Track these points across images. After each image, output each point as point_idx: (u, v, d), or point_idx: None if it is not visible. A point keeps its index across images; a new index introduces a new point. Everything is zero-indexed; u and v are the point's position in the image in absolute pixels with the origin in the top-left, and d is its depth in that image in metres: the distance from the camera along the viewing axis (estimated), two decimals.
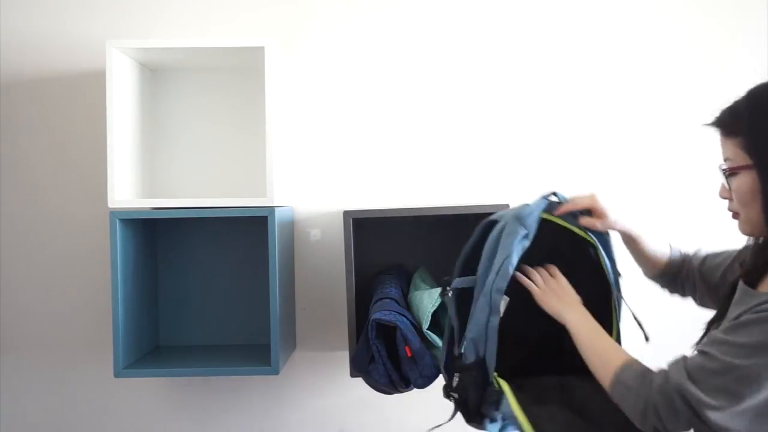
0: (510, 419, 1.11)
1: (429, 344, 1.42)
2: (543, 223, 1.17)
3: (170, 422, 1.78)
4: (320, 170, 1.77)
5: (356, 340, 1.51)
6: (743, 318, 0.91)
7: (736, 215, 1.02)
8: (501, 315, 1.13)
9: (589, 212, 1.19)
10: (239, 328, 1.74)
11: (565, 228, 1.19)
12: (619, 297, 1.19)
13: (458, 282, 1.21)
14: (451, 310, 1.22)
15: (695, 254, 1.22)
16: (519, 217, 1.16)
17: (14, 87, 1.74)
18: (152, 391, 1.77)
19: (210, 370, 1.54)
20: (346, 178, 1.77)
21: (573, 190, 1.23)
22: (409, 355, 1.37)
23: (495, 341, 1.13)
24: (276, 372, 1.50)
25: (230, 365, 1.55)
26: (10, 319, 1.75)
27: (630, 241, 1.23)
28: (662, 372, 0.94)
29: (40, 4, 1.73)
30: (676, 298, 1.27)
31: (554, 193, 1.20)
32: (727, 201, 1.05)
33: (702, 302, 1.21)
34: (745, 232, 1.02)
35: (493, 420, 1.17)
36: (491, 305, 1.13)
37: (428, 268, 1.74)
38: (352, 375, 1.50)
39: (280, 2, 1.75)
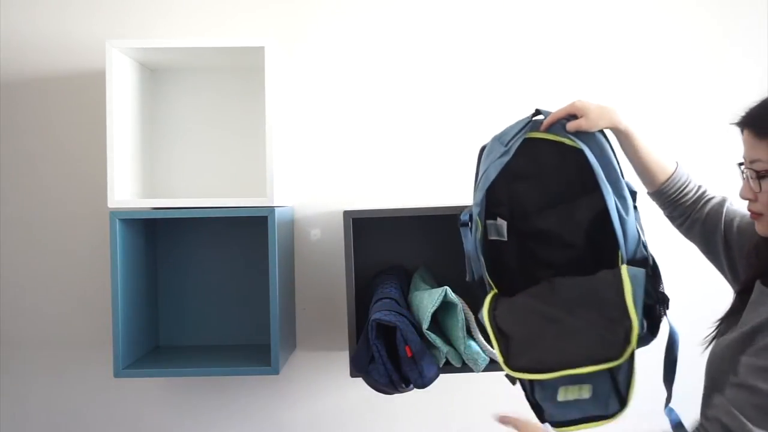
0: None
1: (429, 344, 1.42)
2: (534, 144, 1.15)
3: (170, 422, 1.78)
4: (320, 170, 1.77)
5: (356, 340, 1.51)
6: None
7: (757, 215, 1.01)
8: (503, 238, 1.16)
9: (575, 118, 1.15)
10: (239, 328, 1.74)
11: (555, 143, 1.16)
12: (625, 206, 1.11)
13: (464, 212, 1.23)
14: (465, 241, 1.24)
15: (719, 203, 1.17)
16: (499, 136, 1.19)
17: (15, 87, 1.74)
18: (152, 391, 1.77)
19: (210, 370, 1.54)
20: (346, 178, 1.77)
21: None
22: (409, 355, 1.37)
23: (482, 258, 1.16)
24: (276, 372, 1.50)
25: (230, 365, 1.55)
26: (11, 318, 1.75)
27: (623, 142, 1.18)
28: (717, 427, 0.91)
29: (40, 3, 1.73)
30: (680, 297, 1.26)
31: (538, 111, 1.17)
32: (739, 198, 1.03)
33: (710, 253, 1.17)
34: (764, 233, 1.01)
35: None
36: (473, 221, 1.16)
37: (428, 268, 1.74)
38: (352, 375, 1.49)
39: (280, 2, 1.75)
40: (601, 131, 1.16)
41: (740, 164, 1.02)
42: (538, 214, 1.21)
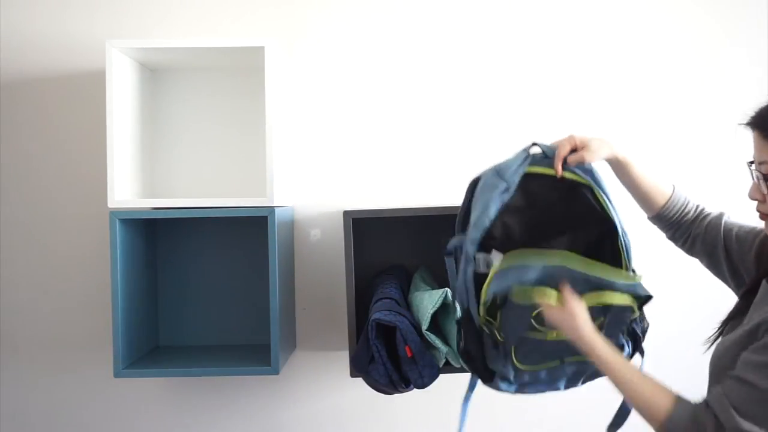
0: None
1: (429, 345, 1.42)
2: (532, 179, 1.13)
3: (170, 422, 1.78)
4: (320, 170, 1.77)
5: (356, 340, 1.51)
6: None
7: (765, 216, 1.01)
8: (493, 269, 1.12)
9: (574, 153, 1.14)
10: (239, 328, 1.74)
11: (550, 176, 1.14)
12: (625, 235, 1.12)
13: (450, 243, 1.21)
14: (450, 272, 1.22)
15: (717, 216, 1.18)
16: (498, 170, 1.14)
17: (14, 87, 1.74)
18: (152, 391, 1.77)
19: (210, 370, 1.54)
20: (346, 178, 1.77)
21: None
22: (409, 355, 1.37)
23: (473, 291, 1.13)
24: (276, 372, 1.50)
25: (230, 365, 1.55)
26: (10, 319, 1.75)
27: (621, 171, 1.18)
28: (710, 415, 0.92)
29: (40, 3, 1.73)
30: (684, 295, 1.26)
31: (535, 144, 1.16)
32: (747, 199, 1.03)
33: (714, 267, 1.17)
34: None
35: (504, 378, 1.16)
36: (466, 256, 1.13)
37: (428, 268, 1.74)
38: (352, 375, 1.49)
39: (280, 2, 1.75)
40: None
41: (750, 163, 1.01)
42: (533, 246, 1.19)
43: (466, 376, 1.26)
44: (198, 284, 1.74)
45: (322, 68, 1.76)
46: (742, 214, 1.16)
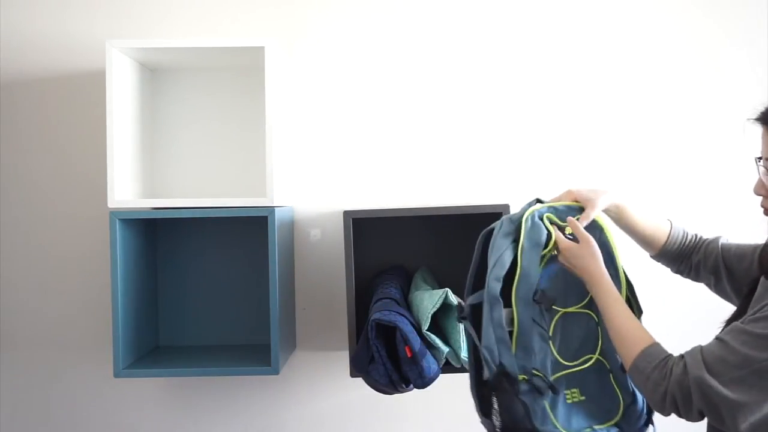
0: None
1: (429, 344, 1.42)
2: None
3: (170, 422, 1.78)
4: (320, 170, 1.77)
5: (356, 340, 1.51)
6: (765, 310, 0.91)
7: None
8: (507, 328, 1.11)
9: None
10: (239, 328, 1.74)
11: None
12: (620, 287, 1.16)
13: (470, 299, 1.19)
14: (471, 331, 1.19)
15: (714, 240, 1.20)
16: (512, 219, 1.17)
17: (14, 87, 1.74)
18: (152, 391, 1.77)
19: (210, 370, 1.54)
20: (346, 178, 1.77)
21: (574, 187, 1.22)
22: (409, 355, 1.37)
23: (505, 337, 1.11)
24: (276, 372, 1.50)
25: (230, 365, 1.55)
26: (10, 319, 1.75)
27: (620, 217, 1.22)
28: (681, 362, 0.95)
29: (40, 3, 1.73)
30: (686, 293, 1.26)
31: (538, 200, 1.21)
32: (753, 195, 1.04)
33: (718, 289, 1.19)
34: None
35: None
36: (490, 299, 1.11)
37: (428, 268, 1.74)
38: (352, 375, 1.49)
39: (280, 2, 1.75)
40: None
41: (758, 159, 1.02)
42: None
43: (467, 376, 1.24)
44: (198, 284, 1.74)
45: (322, 68, 1.76)
46: (746, 212, 1.16)
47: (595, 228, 1.18)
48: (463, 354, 1.42)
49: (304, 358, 1.77)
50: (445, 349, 1.43)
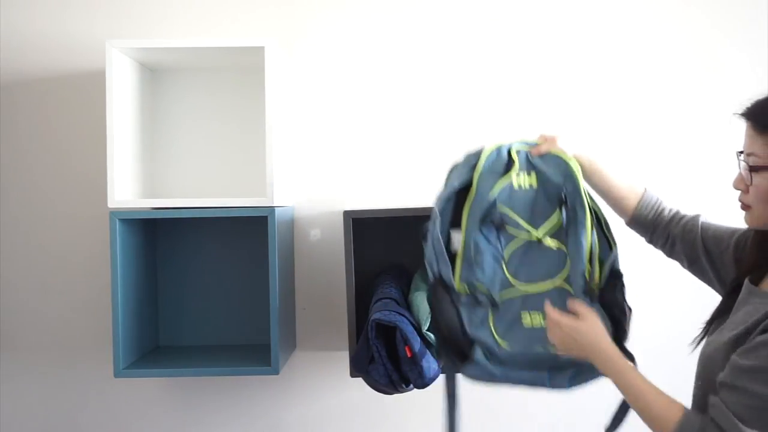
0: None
1: (429, 344, 1.42)
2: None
3: (170, 422, 1.78)
4: (320, 170, 1.77)
5: (356, 340, 1.51)
6: (758, 339, 0.91)
7: (746, 207, 1.02)
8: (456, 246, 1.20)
9: None
10: (239, 328, 1.74)
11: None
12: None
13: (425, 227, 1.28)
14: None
15: (694, 217, 1.21)
16: (468, 154, 1.26)
17: (14, 87, 1.74)
18: (152, 391, 1.77)
19: (210, 370, 1.54)
20: (346, 178, 1.77)
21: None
22: (409, 355, 1.37)
23: (443, 252, 1.20)
24: (276, 372, 1.50)
25: (230, 365, 1.55)
26: (10, 319, 1.75)
27: (591, 169, 1.23)
28: (715, 426, 0.92)
29: (40, 3, 1.73)
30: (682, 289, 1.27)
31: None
32: (730, 188, 1.04)
33: (694, 268, 1.20)
34: (751, 225, 1.03)
35: (485, 350, 1.20)
36: (433, 216, 1.23)
37: None
38: (352, 375, 1.49)
39: (280, 2, 1.75)
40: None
41: (740, 153, 1.03)
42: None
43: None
44: (198, 284, 1.74)
45: (322, 68, 1.76)
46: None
47: (560, 164, 1.19)
48: None
49: (304, 358, 1.77)
50: None
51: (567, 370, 1.19)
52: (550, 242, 1.19)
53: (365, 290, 1.65)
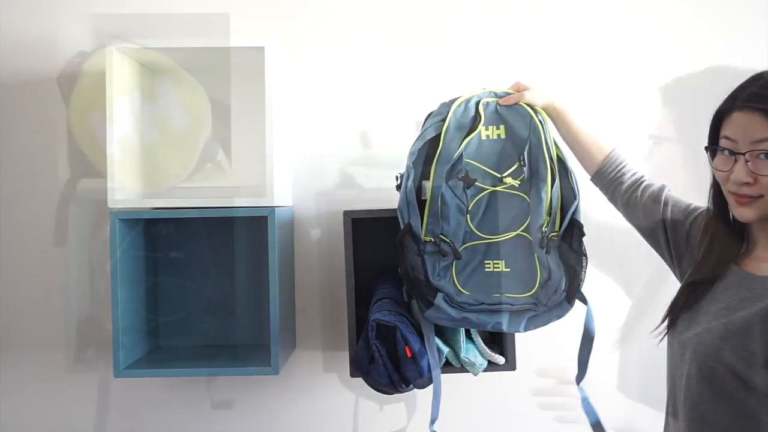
0: None
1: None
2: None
3: (170, 422, 1.78)
4: (320, 170, 1.77)
5: (356, 340, 1.51)
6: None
7: (750, 199, 0.99)
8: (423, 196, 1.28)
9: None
10: (239, 328, 1.74)
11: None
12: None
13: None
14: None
15: (660, 188, 1.22)
16: (441, 104, 1.33)
17: (14, 87, 1.74)
18: (152, 391, 1.77)
19: (210, 370, 1.54)
20: (346, 178, 1.77)
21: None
22: (409, 355, 1.37)
23: (414, 203, 1.27)
24: (276, 372, 1.50)
25: (230, 365, 1.55)
26: (10, 319, 1.75)
27: (560, 122, 1.29)
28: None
29: (40, 4, 1.73)
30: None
31: (484, 88, 1.33)
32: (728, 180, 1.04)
33: (651, 239, 1.21)
34: (752, 217, 1.00)
35: (447, 296, 1.28)
36: (406, 169, 1.30)
37: None
38: (352, 375, 1.50)
39: (280, 2, 1.75)
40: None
41: (724, 149, 1.03)
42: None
43: (466, 376, 1.26)
44: (198, 284, 1.74)
45: (323, 68, 1.76)
46: None
47: (525, 116, 1.26)
48: (463, 354, 1.42)
49: (304, 358, 1.77)
50: (445, 349, 1.43)
51: (524, 314, 1.26)
52: (512, 181, 1.25)
53: (365, 290, 1.65)
